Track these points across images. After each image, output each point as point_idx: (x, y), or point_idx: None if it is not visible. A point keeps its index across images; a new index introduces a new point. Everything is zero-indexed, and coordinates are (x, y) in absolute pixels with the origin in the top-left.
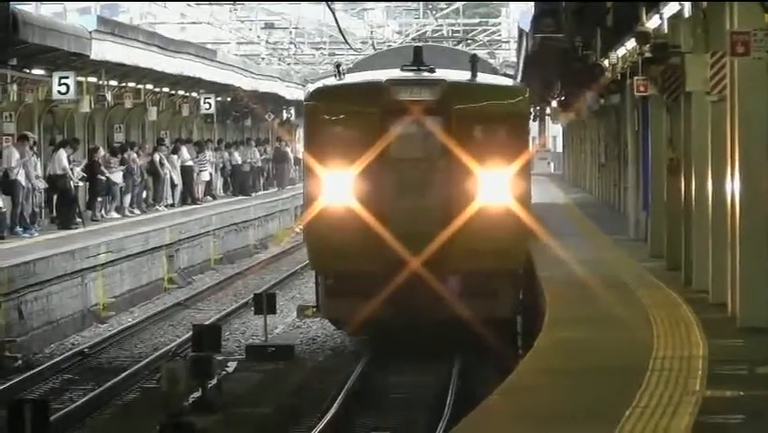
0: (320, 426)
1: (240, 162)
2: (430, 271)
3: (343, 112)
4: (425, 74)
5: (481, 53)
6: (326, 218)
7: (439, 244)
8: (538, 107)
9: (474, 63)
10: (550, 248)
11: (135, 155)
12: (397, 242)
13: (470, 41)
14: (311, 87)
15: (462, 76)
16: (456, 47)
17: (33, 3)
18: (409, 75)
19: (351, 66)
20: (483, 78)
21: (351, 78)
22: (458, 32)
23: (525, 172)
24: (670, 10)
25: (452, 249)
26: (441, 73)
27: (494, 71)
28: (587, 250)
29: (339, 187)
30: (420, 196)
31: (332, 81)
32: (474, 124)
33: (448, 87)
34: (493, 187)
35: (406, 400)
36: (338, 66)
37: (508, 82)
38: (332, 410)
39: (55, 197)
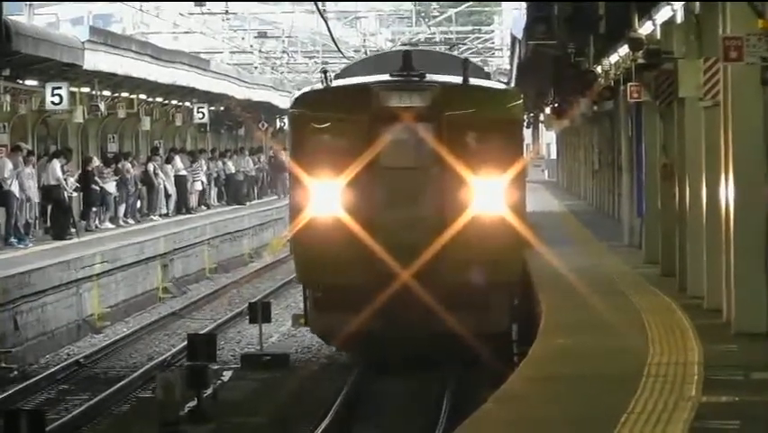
0: None
1: (233, 171)
2: (421, 283)
3: (330, 119)
4: (415, 79)
5: (474, 60)
6: (314, 230)
7: (431, 255)
8: (532, 114)
9: (466, 68)
10: (545, 255)
11: (129, 165)
12: (386, 253)
13: (461, 45)
14: (296, 94)
15: (454, 81)
16: (447, 51)
17: (26, 2)
18: (399, 80)
19: (338, 72)
20: (475, 82)
21: (338, 85)
22: (451, 39)
23: (520, 180)
24: (662, 16)
25: (444, 261)
26: (431, 78)
27: (487, 76)
28: (582, 257)
29: (326, 197)
30: (411, 206)
31: (318, 87)
32: (466, 131)
33: (439, 92)
34: (487, 195)
35: (401, 407)
36: (325, 72)
37: (501, 87)
38: (327, 419)
39: (49, 207)
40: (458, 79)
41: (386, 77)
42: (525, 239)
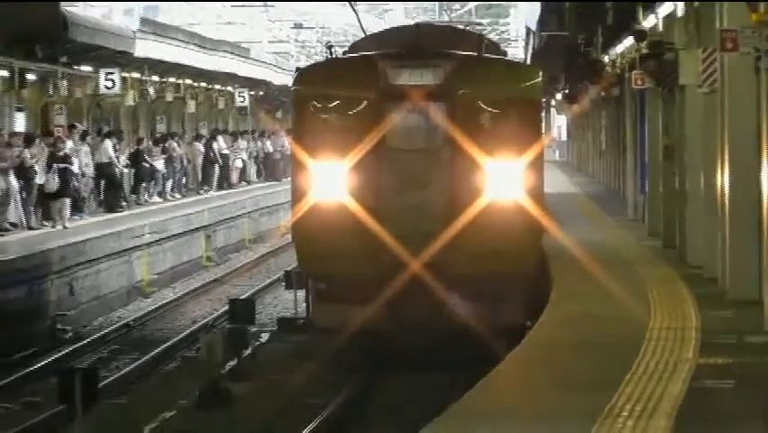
0: (346, 391)
1: (271, 150)
2: (432, 274)
3: (335, 97)
4: (426, 54)
5: None
6: (316, 216)
7: (442, 244)
8: (544, 100)
9: (481, 43)
10: (554, 229)
11: (175, 144)
12: (395, 242)
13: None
14: (299, 70)
15: (468, 56)
16: (462, 27)
17: (81, 3)
18: (408, 55)
19: (346, 48)
20: (491, 59)
21: (342, 58)
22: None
23: (538, 164)
24: (665, 10)
25: (456, 250)
26: (443, 53)
27: (503, 54)
28: (589, 230)
29: (330, 181)
30: (421, 191)
31: (321, 62)
32: (481, 110)
33: (452, 68)
34: (502, 180)
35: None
36: (330, 47)
37: (519, 63)
38: (358, 376)
39: (102, 182)
40: (473, 55)
41: (395, 52)
42: (543, 227)
